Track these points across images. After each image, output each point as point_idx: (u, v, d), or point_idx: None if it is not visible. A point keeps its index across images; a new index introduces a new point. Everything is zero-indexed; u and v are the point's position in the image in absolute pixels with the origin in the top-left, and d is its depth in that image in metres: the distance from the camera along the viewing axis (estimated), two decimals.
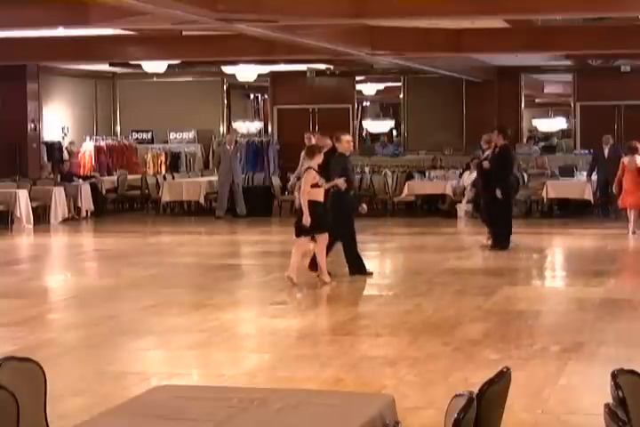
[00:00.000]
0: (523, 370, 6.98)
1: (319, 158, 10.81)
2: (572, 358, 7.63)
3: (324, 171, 11.00)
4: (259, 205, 20.51)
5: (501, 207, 14.15)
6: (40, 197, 19.06)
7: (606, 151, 19.30)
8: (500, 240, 14.32)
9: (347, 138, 12.13)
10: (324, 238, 11.00)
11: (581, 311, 9.72)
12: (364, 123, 28.40)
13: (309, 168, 10.78)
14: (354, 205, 11.99)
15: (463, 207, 19.55)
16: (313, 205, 10.77)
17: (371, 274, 11.86)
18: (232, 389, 5.85)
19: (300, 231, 11.00)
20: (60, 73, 23.36)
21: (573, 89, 25.07)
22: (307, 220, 10.71)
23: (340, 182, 11.17)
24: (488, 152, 14.04)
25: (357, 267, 11.76)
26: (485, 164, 13.95)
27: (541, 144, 26.24)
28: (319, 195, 10.78)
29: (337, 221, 11.16)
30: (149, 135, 25.56)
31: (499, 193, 13.86)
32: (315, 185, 10.68)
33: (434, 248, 14.65)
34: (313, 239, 11.09)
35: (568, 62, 23.55)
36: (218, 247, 15.37)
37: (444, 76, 23.34)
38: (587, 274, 12.01)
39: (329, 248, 11.49)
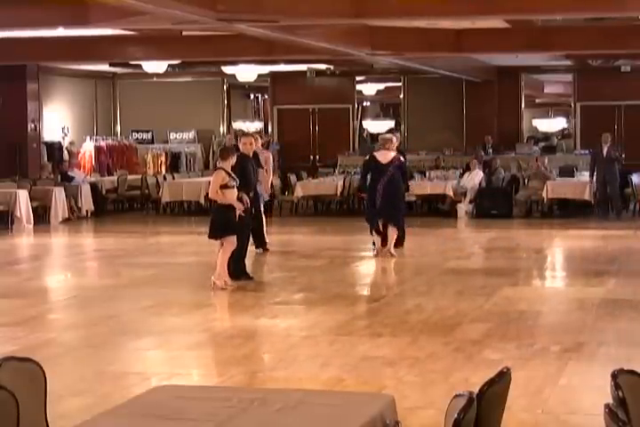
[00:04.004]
0: (523, 370, 6.98)
1: (232, 160, 10.82)
2: (573, 358, 7.63)
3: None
4: None
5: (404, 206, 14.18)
6: (40, 197, 19.06)
7: (605, 150, 19.22)
8: (403, 238, 14.26)
9: (245, 140, 12.26)
10: (230, 242, 10.85)
11: (581, 311, 9.72)
12: (364, 123, 28.41)
13: (220, 168, 10.81)
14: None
15: (463, 207, 19.57)
16: (221, 207, 10.76)
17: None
18: (232, 389, 5.86)
19: (210, 233, 10.99)
20: (60, 73, 23.37)
21: (573, 89, 25.09)
22: (239, 206, 10.75)
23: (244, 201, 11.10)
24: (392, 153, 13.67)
25: (237, 271, 11.42)
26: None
27: (541, 144, 26.25)
28: (229, 197, 10.75)
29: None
30: (149, 135, 25.58)
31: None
32: (224, 186, 10.69)
33: (434, 248, 14.64)
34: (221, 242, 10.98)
35: (568, 62, 23.57)
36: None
37: (443, 76, 23.35)
38: (587, 274, 12.00)
39: (242, 252, 11.45)
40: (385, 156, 13.53)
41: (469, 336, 8.44)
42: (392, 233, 13.61)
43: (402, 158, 13.64)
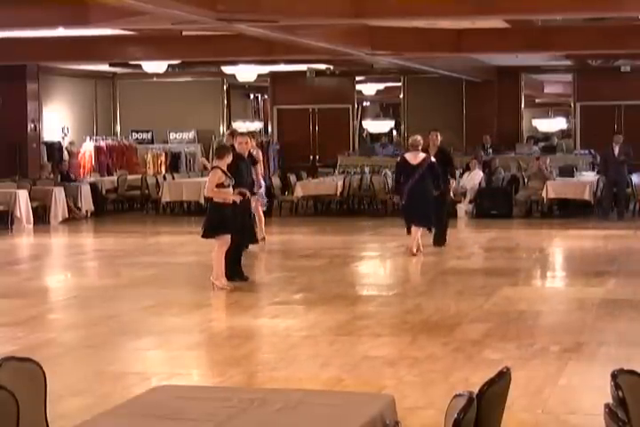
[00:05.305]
0: (523, 370, 6.98)
1: (228, 159, 10.79)
2: (573, 358, 7.63)
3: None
4: None
5: (440, 204, 14.17)
6: (40, 197, 19.06)
7: (617, 150, 19.20)
8: (443, 237, 14.59)
9: (241, 139, 12.21)
10: (224, 241, 10.82)
11: (581, 311, 9.72)
12: (364, 123, 28.41)
13: (215, 167, 10.80)
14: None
15: (463, 207, 19.56)
16: (216, 206, 10.75)
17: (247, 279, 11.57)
18: (232, 389, 5.86)
19: (204, 232, 10.98)
20: (60, 73, 23.37)
21: (573, 89, 25.09)
22: (238, 198, 10.77)
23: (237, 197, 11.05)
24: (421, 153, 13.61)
25: (231, 272, 11.28)
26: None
27: (541, 144, 26.24)
28: (224, 196, 10.74)
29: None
30: (149, 135, 25.57)
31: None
32: (220, 185, 10.68)
33: (434, 248, 14.63)
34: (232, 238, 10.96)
35: (568, 62, 23.57)
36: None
37: (443, 76, 23.35)
38: (587, 274, 12.00)
39: (238, 252, 11.43)
40: (415, 157, 13.54)
41: (469, 336, 8.44)
42: (415, 233, 13.66)
43: (432, 159, 13.62)
